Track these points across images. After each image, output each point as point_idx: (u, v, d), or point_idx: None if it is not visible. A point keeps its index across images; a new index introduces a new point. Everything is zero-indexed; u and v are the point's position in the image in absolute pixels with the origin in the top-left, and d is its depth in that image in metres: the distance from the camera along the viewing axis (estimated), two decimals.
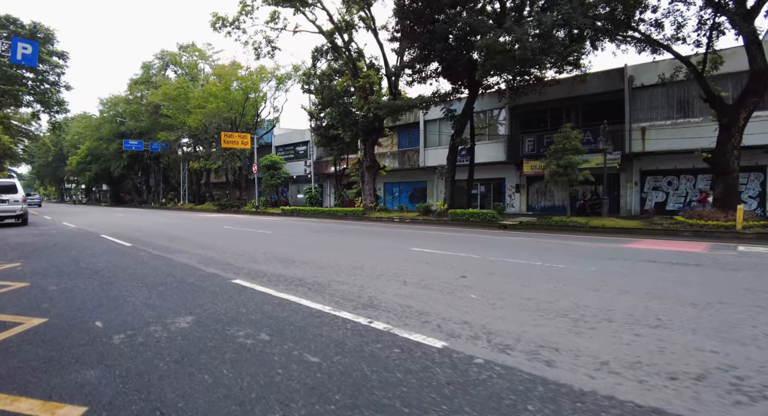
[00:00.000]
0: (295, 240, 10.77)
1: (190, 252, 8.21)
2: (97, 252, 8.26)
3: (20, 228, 14.50)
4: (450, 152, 20.24)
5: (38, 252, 8.35)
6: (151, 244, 9.60)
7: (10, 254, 8.18)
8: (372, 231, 13.61)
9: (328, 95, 22.50)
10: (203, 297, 4.60)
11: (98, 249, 8.73)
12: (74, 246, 9.28)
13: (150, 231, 13.29)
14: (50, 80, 27.84)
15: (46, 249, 8.81)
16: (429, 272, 6.01)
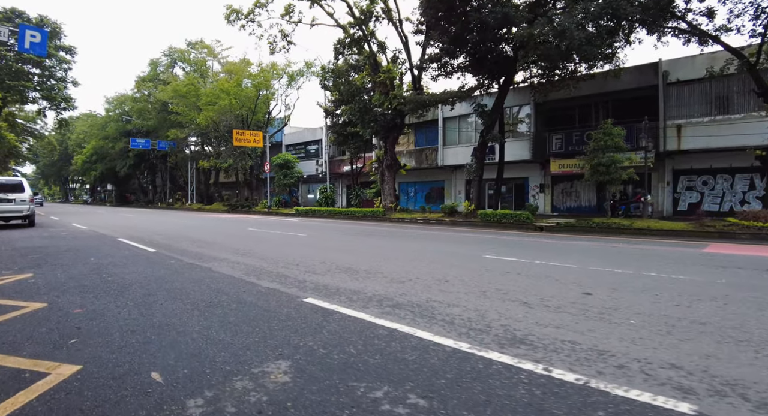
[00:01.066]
0: (338, 245, 9.59)
1: (229, 260, 7.03)
2: (119, 260, 7.08)
3: (27, 230, 13.31)
4: (478, 149, 19.06)
5: (51, 260, 7.17)
6: (178, 250, 8.42)
7: (20, 261, 7.01)
8: (409, 235, 12.42)
9: (347, 91, 21.32)
10: (281, 326, 3.43)
11: (119, 256, 7.55)
12: (91, 252, 8.10)
13: (170, 233, 12.10)
14: (57, 76, 26.67)
15: (59, 256, 7.63)
16: (539, 288, 4.84)
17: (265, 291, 4.73)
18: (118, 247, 8.86)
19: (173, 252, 8.09)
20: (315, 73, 32.27)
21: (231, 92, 28.57)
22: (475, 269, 6.09)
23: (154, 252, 8.07)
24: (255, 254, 7.80)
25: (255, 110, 31.26)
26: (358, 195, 26.22)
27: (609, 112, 22.39)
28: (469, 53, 17.71)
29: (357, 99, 21.25)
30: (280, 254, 7.78)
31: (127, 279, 5.45)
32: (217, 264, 6.67)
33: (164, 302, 4.26)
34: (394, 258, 7.36)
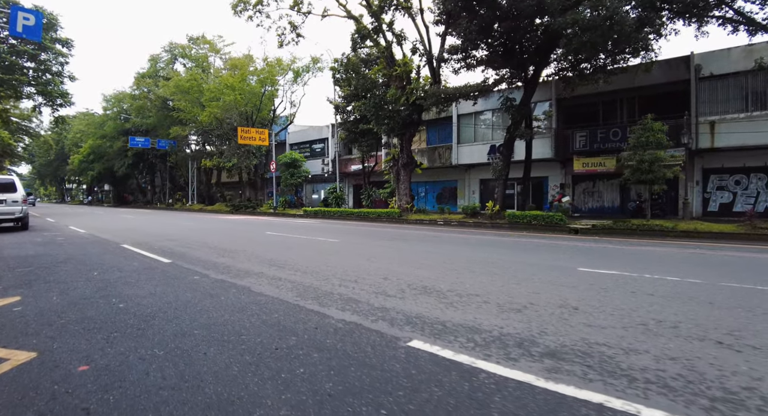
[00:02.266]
0: (382, 252, 8.23)
1: (267, 275, 5.68)
2: (129, 275, 5.69)
3: (20, 234, 11.83)
4: (505, 147, 17.76)
5: (46, 274, 5.77)
6: (198, 260, 7.03)
7: (6, 277, 5.61)
8: (446, 239, 11.07)
9: (361, 85, 19.94)
10: (416, 402, 2.05)
11: (129, 269, 6.16)
12: (93, 264, 6.69)
13: (182, 238, 10.68)
14: (53, 70, 25.06)
15: (55, 269, 6.23)
16: (703, 316, 3.51)
17: (344, 329, 3.36)
18: (125, 257, 7.44)
19: (193, 263, 6.70)
20: (321, 68, 30.92)
21: (236, 87, 27.08)
22: (585, 288, 4.75)
23: (169, 264, 6.68)
24: (295, 266, 6.43)
25: (260, 107, 29.78)
26: (370, 195, 24.85)
27: (635, 108, 21.18)
28: (495, 44, 16.40)
29: (372, 94, 19.86)
30: (326, 266, 6.41)
31: (145, 307, 4.07)
32: (254, 281, 5.30)
33: (209, 350, 2.89)
34: (466, 270, 6.01)
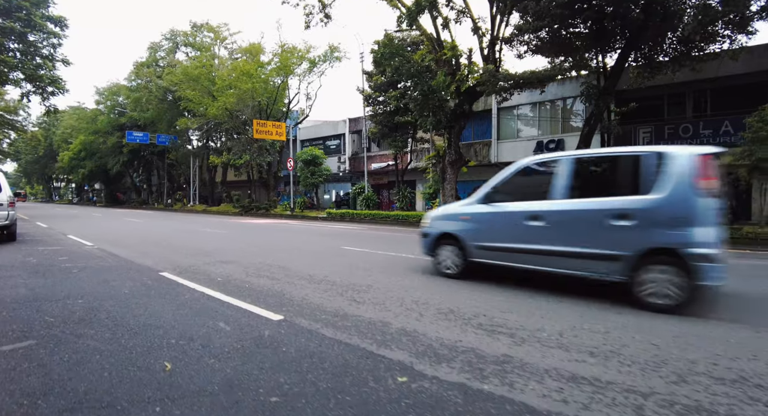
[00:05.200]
0: None
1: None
2: (256, 378, 2.73)
3: (6, 250, 8.69)
4: (582, 142, 15.04)
5: (60, 373, 2.79)
6: (325, 315, 4.08)
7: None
8: None
9: (406, 70, 17.01)
10: None
11: (229, 349, 3.21)
12: (144, 331, 3.71)
13: (237, 258, 7.69)
14: (43, 53, 21.52)
15: (76, 345, 3.28)
16: None
17: None
18: (187, 305, 4.45)
19: (339, 328, 3.76)
20: (339, 58, 27.86)
21: (253, 75, 23.83)
22: None
23: (287, 326, 3.73)
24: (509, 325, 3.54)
25: (275, 98, 26.58)
26: (405, 196, 21.94)
27: (707, 101, 18.70)
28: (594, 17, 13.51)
29: (419, 80, 16.96)
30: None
31: None
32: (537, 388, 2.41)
33: None
34: None
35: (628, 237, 4.44)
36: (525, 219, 5.17)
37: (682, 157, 4.34)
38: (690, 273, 4.12)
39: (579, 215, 4.82)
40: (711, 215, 4.26)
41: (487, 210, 5.60)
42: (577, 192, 4.95)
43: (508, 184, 5.57)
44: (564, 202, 4.93)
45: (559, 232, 4.91)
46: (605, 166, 5.30)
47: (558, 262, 4.95)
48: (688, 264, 4.13)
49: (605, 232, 4.57)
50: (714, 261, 4.10)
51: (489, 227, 5.60)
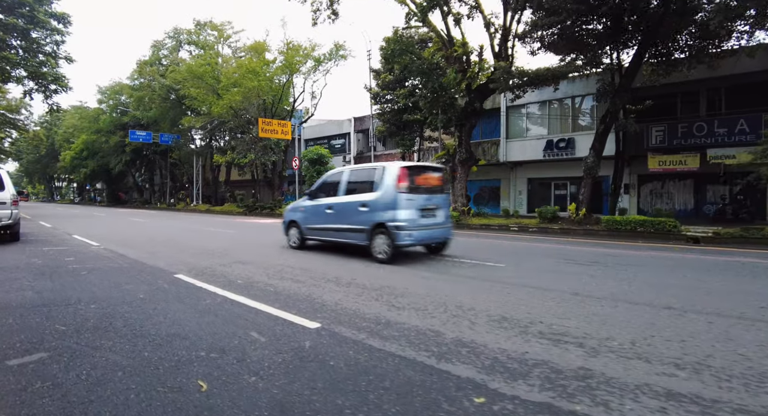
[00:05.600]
0: (600, 287, 4.97)
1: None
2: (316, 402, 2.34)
3: (9, 250, 8.28)
4: (597, 140, 14.67)
5: (78, 394, 2.38)
6: (366, 323, 3.70)
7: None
8: (614, 260, 7.86)
9: (416, 67, 16.62)
10: None
11: (272, 365, 2.80)
12: (169, 341, 3.32)
13: (252, 259, 7.27)
14: (46, 51, 21.08)
15: (93, 359, 2.89)
16: None
17: None
18: (211, 311, 4.05)
19: (386, 338, 3.37)
20: (344, 56, 27.45)
21: (259, 72, 23.40)
22: None
23: (328, 336, 3.33)
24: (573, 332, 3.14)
25: (281, 97, 26.15)
26: None
27: (721, 99, 18.31)
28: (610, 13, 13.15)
29: (429, 78, 16.57)
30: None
31: None
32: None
33: None
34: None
35: (367, 218, 7.13)
36: (326, 208, 7.98)
37: (392, 169, 6.99)
38: (393, 238, 6.75)
39: (347, 205, 7.57)
40: (406, 203, 6.81)
41: (311, 203, 8.45)
42: (348, 191, 7.73)
43: (322, 187, 8.50)
44: (342, 197, 7.78)
45: (339, 216, 7.72)
46: (361, 175, 7.81)
47: (341, 235, 7.77)
48: (390, 233, 6.78)
49: (359, 215, 7.28)
50: (403, 230, 6.74)
51: (311, 215, 8.45)
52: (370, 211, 7.08)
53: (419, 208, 6.98)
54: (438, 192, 7.51)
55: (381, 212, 6.92)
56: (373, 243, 7.09)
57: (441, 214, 7.44)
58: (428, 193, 7.28)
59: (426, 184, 7.38)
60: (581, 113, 21.25)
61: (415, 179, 7.15)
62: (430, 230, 7.21)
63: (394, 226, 6.74)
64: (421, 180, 7.32)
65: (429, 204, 7.18)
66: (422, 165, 7.92)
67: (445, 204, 7.63)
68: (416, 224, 6.90)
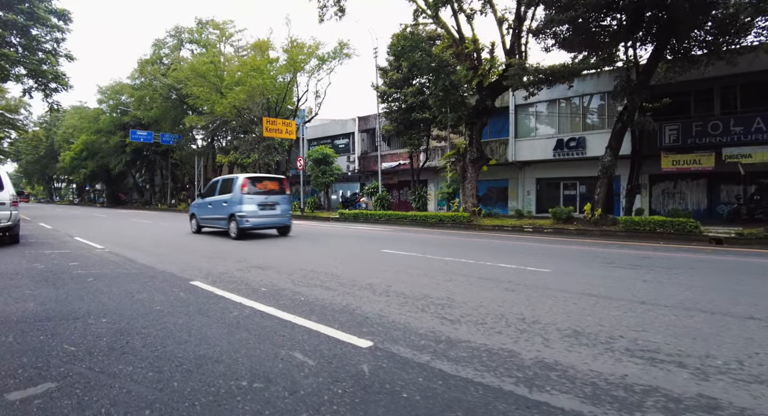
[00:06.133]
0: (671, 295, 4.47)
1: None
2: None
3: (8, 253, 7.74)
4: (614, 138, 14.21)
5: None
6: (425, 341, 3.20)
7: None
8: (656, 263, 7.37)
9: (426, 65, 16.11)
10: None
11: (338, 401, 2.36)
12: (200, 362, 2.84)
13: (270, 262, 6.74)
14: (46, 48, 20.50)
15: (111, 393, 2.32)
16: None
17: None
18: (237, 325, 3.55)
19: (455, 360, 2.86)
20: (349, 54, 26.97)
21: (263, 70, 22.85)
22: None
23: (381, 357, 2.82)
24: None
25: (285, 96, 25.60)
26: (422, 195, 21.02)
27: (736, 97, 17.88)
28: (612, 15, 12.79)
29: (440, 75, 16.06)
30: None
31: None
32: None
33: None
34: None
35: (226, 210, 10.68)
36: (208, 204, 11.65)
37: (240, 178, 10.61)
38: (237, 223, 10.17)
39: (217, 202, 11.14)
40: (247, 200, 10.29)
41: (201, 201, 12.19)
42: (220, 192, 11.26)
43: (207, 190, 12.21)
44: (216, 197, 11.28)
45: (214, 209, 11.30)
46: (227, 182, 11.33)
47: (215, 222, 11.44)
48: (237, 220, 10.18)
49: (223, 209, 10.83)
50: (244, 218, 10.15)
51: (201, 209, 12.13)
52: (228, 206, 10.70)
53: (258, 203, 10.52)
54: (276, 193, 11.08)
55: (233, 206, 10.49)
56: (230, 226, 10.69)
57: (279, 208, 11.04)
58: (266, 194, 10.82)
59: (264, 188, 10.96)
60: (592, 112, 20.81)
61: (256, 185, 10.88)
62: (267, 219, 10.77)
63: (239, 216, 10.25)
64: (261, 185, 10.97)
65: (267, 201, 10.75)
66: (261, 176, 11.67)
67: (283, 201, 11.18)
68: (255, 214, 10.42)
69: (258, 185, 10.82)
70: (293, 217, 23.56)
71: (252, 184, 10.70)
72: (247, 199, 10.28)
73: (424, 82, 19.89)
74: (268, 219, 10.73)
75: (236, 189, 10.43)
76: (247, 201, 10.20)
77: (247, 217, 10.18)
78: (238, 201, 10.28)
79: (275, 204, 10.83)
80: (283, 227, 11.39)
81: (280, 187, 11.30)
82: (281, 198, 11.05)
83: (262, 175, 11.53)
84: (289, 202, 11.68)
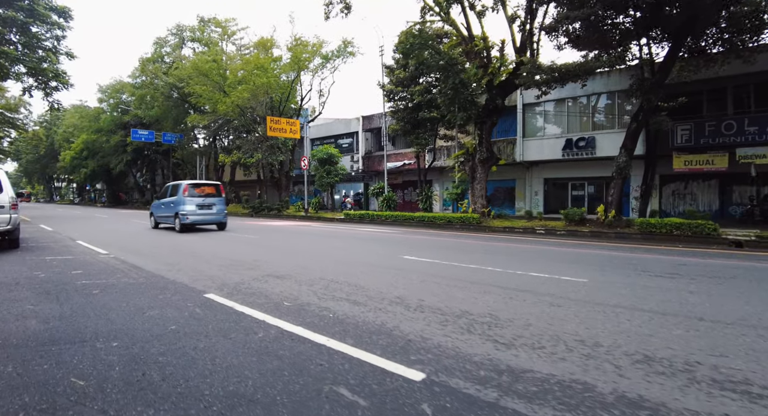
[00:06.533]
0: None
1: None
2: None
3: (7, 260, 7.34)
4: (629, 138, 13.82)
5: None
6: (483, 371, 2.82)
7: None
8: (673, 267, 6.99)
9: (435, 63, 15.69)
10: None
11: None
12: (232, 402, 2.49)
13: (288, 271, 6.38)
14: (46, 46, 20.04)
15: None
16: None
17: None
18: (266, 350, 3.16)
19: (526, 397, 2.48)
20: (353, 53, 26.55)
21: (267, 69, 22.40)
22: None
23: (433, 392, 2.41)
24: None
25: (289, 95, 25.16)
26: (429, 196, 20.62)
27: (750, 97, 17.50)
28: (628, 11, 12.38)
29: (449, 74, 15.65)
30: None
31: None
32: None
33: None
34: None
35: (173, 209, 13.23)
36: (162, 205, 14.23)
37: (182, 185, 13.31)
38: (180, 220, 12.91)
39: (168, 203, 13.67)
40: (188, 202, 12.89)
41: (158, 202, 14.64)
42: (169, 195, 13.86)
43: (163, 193, 14.74)
44: (167, 198, 13.82)
45: (166, 209, 13.78)
46: (176, 187, 13.59)
47: (167, 220, 13.88)
48: (179, 217, 12.92)
49: (171, 209, 13.36)
50: (185, 216, 12.83)
51: (157, 208, 14.52)
52: (174, 206, 13.18)
53: (197, 204, 13.03)
54: (213, 196, 13.56)
55: (177, 206, 12.99)
56: (175, 222, 13.04)
57: (215, 208, 13.51)
58: (204, 197, 13.30)
59: (203, 192, 13.38)
60: (600, 111, 20.43)
61: (196, 189, 13.28)
62: (204, 216, 13.26)
63: (181, 214, 12.80)
64: (200, 190, 13.37)
65: (205, 202, 13.22)
66: (201, 182, 14.41)
67: (219, 202, 13.75)
68: (194, 213, 12.90)
69: (197, 190, 13.23)
70: (298, 218, 23.28)
71: (192, 188, 13.14)
72: (188, 200, 12.82)
73: (431, 80, 19.48)
74: (205, 218, 13.22)
75: (180, 192, 12.94)
76: (188, 202, 12.70)
77: (187, 215, 12.73)
78: (181, 202, 12.81)
79: (212, 205, 13.33)
80: (219, 223, 13.81)
81: (216, 191, 13.83)
82: (217, 200, 13.58)
83: (201, 182, 14.54)
84: (224, 203, 14.15)
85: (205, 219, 13.14)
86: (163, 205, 14.04)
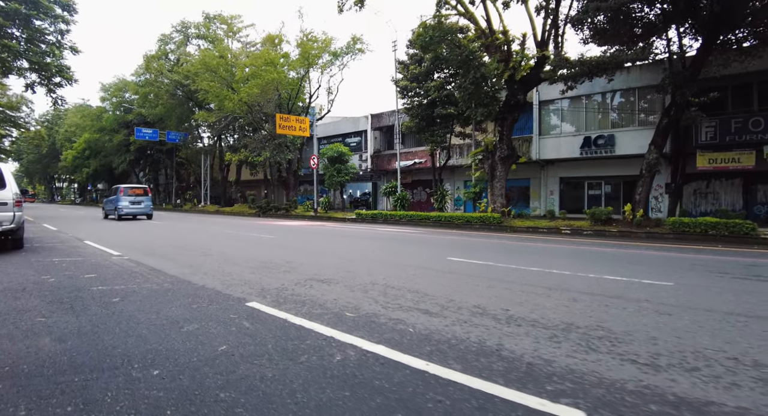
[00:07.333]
0: None
1: None
2: None
3: (12, 262, 6.60)
4: (659, 134, 13.13)
5: None
6: (655, 405, 2.05)
7: None
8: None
9: (455, 57, 14.98)
10: None
11: None
12: None
13: (330, 275, 5.66)
14: (50, 40, 19.26)
15: None
16: None
17: None
18: (356, 381, 2.44)
19: None
20: (362, 49, 25.84)
21: (278, 65, 21.66)
22: None
23: None
24: None
25: (298, 92, 24.42)
26: (444, 195, 19.90)
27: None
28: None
29: (470, 68, 14.94)
30: None
31: None
32: None
33: None
34: None
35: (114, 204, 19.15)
36: (108, 201, 20.27)
37: (121, 187, 19.40)
38: (118, 211, 18.83)
39: (113, 200, 19.43)
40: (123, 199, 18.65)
41: (107, 199, 20.81)
42: (112, 194, 19.99)
43: (110, 192, 21.60)
44: (112, 197, 19.72)
45: (111, 204, 19.64)
46: (115, 189, 19.84)
47: (112, 212, 19.50)
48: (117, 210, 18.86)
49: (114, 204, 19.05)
50: (120, 209, 18.58)
51: (107, 204, 20.54)
52: (114, 202, 18.50)
53: (130, 201, 18.38)
54: (141, 196, 19.01)
55: (116, 203, 18.33)
56: (116, 214, 18.27)
57: (143, 204, 18.83)
58: (135, 196, 18.76)
59: (134, 193, 18.88)
60: (620, 109, 19.74)
61: (129, 191, 18.78)
62: (135, 210, 18.65)
63: (118, 207, 18.16)
64: (132, 191, 18.87)
65: (135, 200, 18.62)
66: (133, 185, 20.33)
67: (147, 200, 19.07)
68: (127, 207, 18.30)
69: (130, 191, 18.83)
70: (307, 218, 22.55)
71: (126, 190, 18.73)
72: (123, 198, 18.28)
73: (446, 76, 18.78)
74: (135, 210, 18.62)
75: (118, 193, 18.53)
76: (123, 200, 18.11)
77: (122, 208, 18.17)
78: (118, 200, 18.29)
79: (141, 201, 18.76)
80: (146, 215, 19.08)
81: (144, 192, 19.51)
82: (145, 198, 19.04)
83: (133, 185, 21.25)
84: (150, 201, 19.47)
85: (136, 211, 18.50)
86: (110, 202, 19.53)
